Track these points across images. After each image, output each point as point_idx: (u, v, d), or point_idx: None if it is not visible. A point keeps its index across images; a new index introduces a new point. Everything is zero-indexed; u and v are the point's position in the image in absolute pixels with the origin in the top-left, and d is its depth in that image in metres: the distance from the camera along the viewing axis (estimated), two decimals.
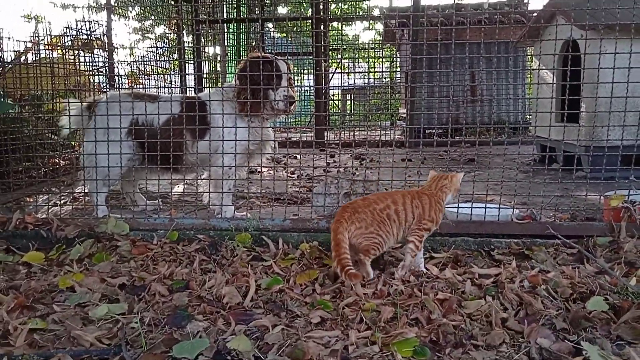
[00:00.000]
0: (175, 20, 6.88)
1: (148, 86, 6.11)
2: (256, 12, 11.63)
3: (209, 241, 2.63)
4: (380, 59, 11.81)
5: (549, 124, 4.09)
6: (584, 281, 1.97)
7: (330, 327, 1.73)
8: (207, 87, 7.29)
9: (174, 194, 3.72)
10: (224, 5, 8.80)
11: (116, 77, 5.10)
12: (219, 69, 8.54)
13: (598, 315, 1.73)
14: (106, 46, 5.29)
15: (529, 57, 7.82)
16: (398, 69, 10.17)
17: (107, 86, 5.03)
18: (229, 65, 9.53)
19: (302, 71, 12.60)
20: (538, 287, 1.92)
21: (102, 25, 5.43)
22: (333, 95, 12.83)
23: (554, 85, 3.72)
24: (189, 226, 2.75)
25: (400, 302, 1.86)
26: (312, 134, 7.94)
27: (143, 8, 8.56)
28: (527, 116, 8.31)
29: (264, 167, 5.14)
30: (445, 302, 1.84)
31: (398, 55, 10.32)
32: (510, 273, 2.09)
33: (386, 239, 2.14)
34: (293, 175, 4.70)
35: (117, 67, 5.32)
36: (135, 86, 5.69)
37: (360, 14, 12.12)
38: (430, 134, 7.51)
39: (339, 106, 13.12)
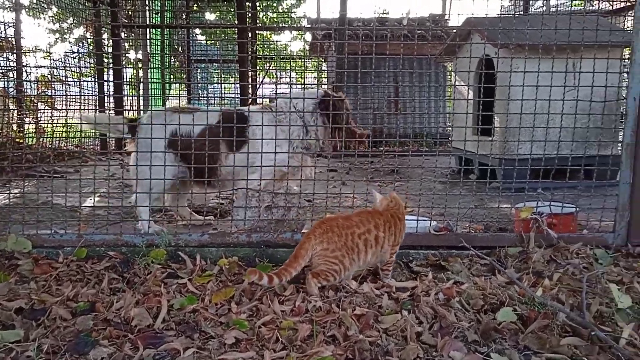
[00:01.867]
0: (93, 24, 6.56)
1: (61, 92, 5.77)
2: (183, 18, 11.36)
3: (120, 258, 2.49)
4: (309, 70, 11.89)
5: (466, 137, 4.25)
6: (495, 292, 2.03)
7: (245, 348, 1.67)
8: (128, 95, 6.99)
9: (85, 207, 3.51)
10: (147, 10, 8.50)
11: (25, 82, 4.76)
12: (141, 75, 8.23)
13: (507, 326, 1.78)
14: (14, 49, 4.94)
15: (449, 72, 8.15)
16: (325, 80, 10.27)
17: (15, 91, 4.68)
18: (152, 71, 9.21)
19: (230, 78, 12.45)
20: (452, 300, 1.96)
21: (11, 26, 5.07)
22: (261, 104, 12.77)
23: (470, 100, 3.87)
24: (99, 242, 2.59)
25: (318, 319, 1.83)
26: None
27: (60, 9, 8.12)
28: (448, 129, 8.64)
29: None
30: (362, 318, 1.83)
31: (325, 66, 10.44)
32: (426, 286, 2.12)
33: (349, 267, 2.06)
34: None
35: (27, 72, 4.98)
36: (47, 91, 5.35)
37: (289, 24, 12.17)
38: None
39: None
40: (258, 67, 10.42)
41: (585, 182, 3.54)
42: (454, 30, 6.13)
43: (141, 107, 8.26)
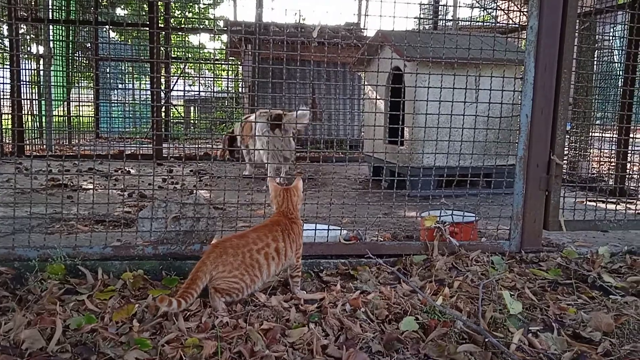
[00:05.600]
0: None
1: None
2: (91, 12, 10.80)
3: (12, 274, 2.31)
4: (225, 71, 11.74)
5: (375, 147, 4.36)
6: (399, 301, 2.10)
7: None
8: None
9: None
10: (50, 3, 7.98)
11: None
12: (42, 70, 7.70)
13: (409, 335, 1.84)
14: None
15: (363, 81, 8.35)
16: (241, 82, 10.20)
17: None
18: (57, 66, 8.66)
19: (144, 78, 11.99)
20: (358, 310, 2.00)
21: None
22: (175, 105, 12.41)
23: (381, 109, 3.98)
24: None
25: (224, 335, 1.80)
26: (152, 146, 7.56)
27: None
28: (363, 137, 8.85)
29: (90, 183, 4.74)
30: (269, 332, 1.82)
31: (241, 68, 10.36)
32: (334, 297, 2.15)
33: (250, 284, 2.03)
34: (123, 193, 4.38)
35: None
36: None
37: (205, 25, 11.91)
38: None
39: (182, 116, 12.74)
40: (172, 68, 10.13)
41: (485, 190, 3.77)
42: (366, 42, 6.30)
43: (43, 107, 7.74)
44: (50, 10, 8.02)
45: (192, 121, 12.53)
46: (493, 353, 1.73)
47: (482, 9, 9.15)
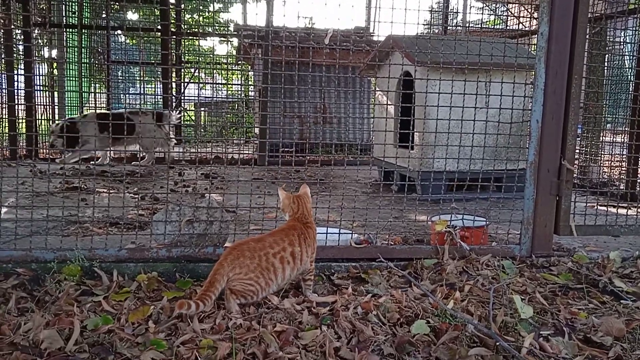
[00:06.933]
0: (2, 21, 6.16)
1: None
2: (102, 16, 10.92)
3: (30, 275, 2.36)
4: (236, 74, 11.84)
5: (388, 149, 4.39)
6: (410, 305, 2.12)
7: None
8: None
9: None
10: (64, 8, 8.09)
11: None
12: (56, 72, 7.80)
13: (421, 338, 1.86)
14: None
15: (373, 86, 8.38)
16: (252, 85, 10.28)
17: None
18: (69, 68, 8.76)
19: (153, 81, 12.10)
20: (370, 314, 2.02)
21: None
22: (186, 108, 12.50)
23: (391, 114, 4.01)
24: (5, 259, 2.44)
25: (238, 337, 1.83)
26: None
27: None
28: (371, 140, 8.87)
29: (103, 187, 4.81)
30: (282, 334, 1.84)
31: (251, 71, 10.43)
32: (346, 300, 2.18)
33: (265, 287, 2.08)
34: (136, 196, 4.44)
35: None
36: None
37: (216, 27, 12.03)
38: (284, 152, 7.67)
39: (194, 120, 12.83)
40: (183, 71, 10.22)
41: (496, 194, 3.77)
42: (376, 47, 6.33)
43: (56, 109, 7.84)
44: (64, 16, 8.14)
45: (202, 125, 12.61)
46: (504, 357, 1.74)
47: (493, 14, 9.15)
